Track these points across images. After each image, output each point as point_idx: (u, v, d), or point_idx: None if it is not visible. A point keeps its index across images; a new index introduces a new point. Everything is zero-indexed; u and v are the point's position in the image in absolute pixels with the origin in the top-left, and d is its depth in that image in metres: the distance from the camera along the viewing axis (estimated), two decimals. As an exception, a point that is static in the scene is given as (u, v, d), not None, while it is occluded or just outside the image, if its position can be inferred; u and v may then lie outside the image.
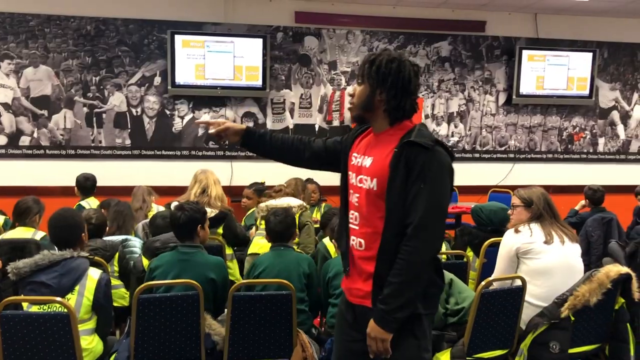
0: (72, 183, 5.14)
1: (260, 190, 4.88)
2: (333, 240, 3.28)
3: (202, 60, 6.20)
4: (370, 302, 1.95)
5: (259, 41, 6.25)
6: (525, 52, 6.74)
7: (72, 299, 2.59)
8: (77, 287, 2.61)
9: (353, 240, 2.03)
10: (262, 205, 4.00)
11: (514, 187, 6.31)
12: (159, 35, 6.18)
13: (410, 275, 1.86)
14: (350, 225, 2.05)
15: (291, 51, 6.51)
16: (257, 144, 2.24)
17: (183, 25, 6.20)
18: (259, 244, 3.74)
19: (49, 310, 2.54)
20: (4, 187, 5.83)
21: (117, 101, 6.20)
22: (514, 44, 6.82)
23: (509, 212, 3.33)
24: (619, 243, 4.35)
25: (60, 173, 6.00)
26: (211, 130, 2.23)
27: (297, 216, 3.72)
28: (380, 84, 1.94)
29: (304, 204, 4.19)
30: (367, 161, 1.99)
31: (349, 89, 2.11)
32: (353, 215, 2.04)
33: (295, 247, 3.32)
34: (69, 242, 2.74)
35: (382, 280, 1.90)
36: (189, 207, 2.99)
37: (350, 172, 2.06)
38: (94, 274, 2.70)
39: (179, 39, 6.10)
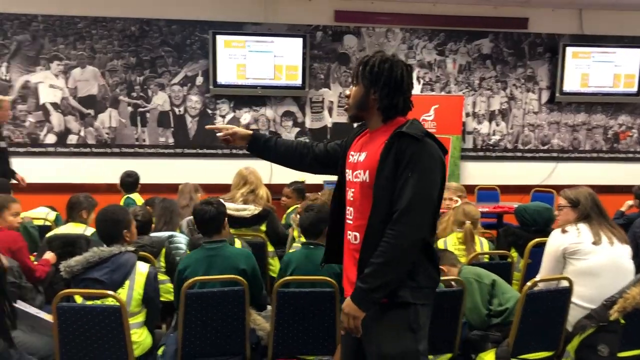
0: (117, 180, 5.28)
1: (300, 190, 4.91)
2: None
3: (243, 60, 6.28)
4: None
5: (299, 40, 6.30)
6: (569, 49, 6.60)
7: (122, 293, 2.67)
8: (127, 282, 2.69)
9: (349, 234, 2.10)
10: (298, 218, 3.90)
11: (557, 187, 6.30)
12: (201, 35, 6.29)
13: (391, 258, 1.89)
14: (347, 221, 2.12)
15: (330, 50, 6.54)
16: (262, 149, 2.34)
17: (224, 25, 6.29)
18: None
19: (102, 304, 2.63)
20: (53, 184, 6.02)
21: (160, 100, 6.33)
22: (558, 41, 6.68)
23: (555, 213, 3.27)
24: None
25: (106, 171, 6.17)
26: (219, 134, 2.33)
27: None
28: (374, 84, 2.03)
29: None
30: (362, 156, 2.07)
31: (346, 91, 2.18)
32: (349, 210, 2.12)
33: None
34: (113, 237, 2.83)
35: (365, 265, 1.94)
36: (216, 201, 3.02)
37: (347, 170, 2.14)
38: (142, 268, 2.78)
39: (220, 39, 6.19)
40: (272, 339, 2.80)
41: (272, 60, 6.32)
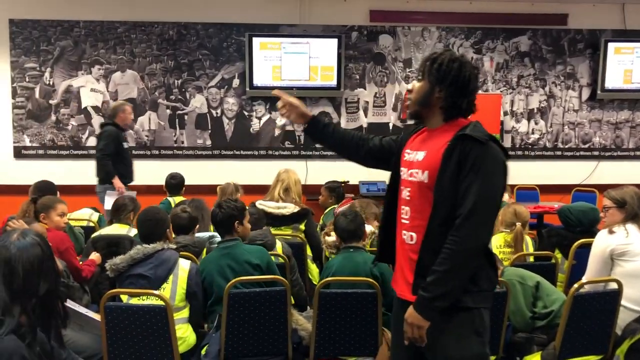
0: (156, 182, 5.37)
1: (332, 188, 5.00)
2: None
3: (279, 62, 6.32)
4: (412, 292, 1.96)
5: (334, 41, 6.30)
6: (611, 45, 6.44)
7: (167, 288, 2.75)
8: (170, 277, 2.77)
9: (404, 234, 2.05)
10: (328, 240, 3.62)
11: (599, 187, 6.18)
12: (237, 38, 6.35)
13: (455, 265, 1.86)
14: (402, 220, 2.07)
15: (365, 50, 6.52)
16: (320, 133, 2.30)
17: (260, 27, 6.34)
18: None
19: (147, 301, 2.68)
20: (95, 186, 6.15)
21: (198, 103, 6.42)
22: (599, 37, 6.53)
23: (601, 214, 3.20)
24: None
25: (145, 172, 6.25)
26: (279, 95, 2.29)
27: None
28: (440, 82, 1.99)
29: (373, 229, 4.00)
30: (420, 155, 2.02)
31: (409, 86, 2.13)
32: (404, 210, 2.06)
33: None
34: (154, 236, 2.91)
35: (424, 270, 1.91)
36: (226, 205, 3.09)
37: (402, 168, 2.10)
38: (184, 264, 2.86)
39: (256, 41, 6.24)
40: (314, 339, 2.81)
41: (307, 62, 6.34)
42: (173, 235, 3.27)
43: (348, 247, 3.07)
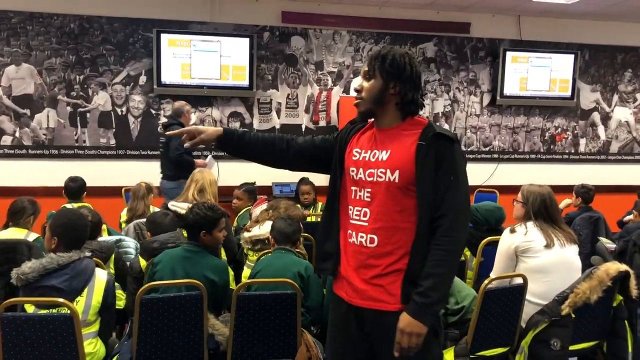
0: (55, 183, 5.02)
1: (251, 191, 4.84)
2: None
3: (189, 60, 6.15)
4: (385, 304, 1.89)
5: (246, 41, 6.22)
6: (509, 54, 6.83)
7: (80, 301, 2.53)
8: (85, 290, 2.56)
9: (362, 237, 1.94)
10: (246, 235, 3.65)
11: (498, 187, 6.51)
12: (144, 34, 6.11)
13: (452, 266, 1.86)
14: (355, 222, 1.97)
15: (278, 51, 6.50)
16: (236, 146, 2.10)
17: (169, 24, 6.13)
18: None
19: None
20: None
21: (101, 100, 6.10)
22: (498, 46, 6.91)
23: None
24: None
25: (44, 173, 5.90)
26: (187, 145, 2.08)
27: None
28: (394, 77, 1.93)
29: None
30: (382, 155, 1.93)
31: (354, 84, 2.04)
32: (359, 211, 1.96)
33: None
34: (79, 243, 2.68)
35: (413, 276, 1.85)
36: (198, 211, 2.97)
37: (352, 168, 2.00)
38: (101, 275, 2.66)
39: (165, 37, 6.04)
40: (231, 343, 2.74)
41: (219, 60, 6.22)
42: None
43: (280, 249, 3.06)
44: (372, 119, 2.05)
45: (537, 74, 6.93)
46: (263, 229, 3.58)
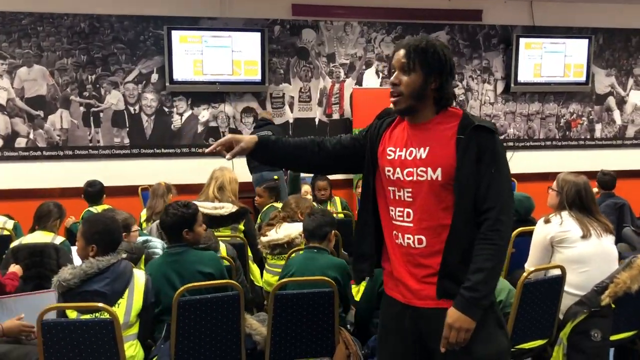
0: (71, 184, 5.01)
1: (273, 188, 4.80)
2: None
3: (200, 56, 6.10)
4: (437, 296, 1.86)
5: (257, 35, 6.17)
6: (522, 40, 6.77)
7: (122, 303, 2.51)
8: (126, 291, 2.54)
9: (408, 238, 1.90)
10: (264, 240, 3.61)
11: (515, 175, 6.42)
12: (155, 31, 6.06)
13: (500, 260, 1.83)
14: (399, 224, 1.92)
15: (289, 44, 6.44)
16: (271, 152, 2.03)
17: (179, 20, 6.09)
18: (269, 280, 3.56)
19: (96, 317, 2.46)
20: (2, 191, 5.67)
21: (114, 99, 6.07)
22: (511, 33, 6.84)
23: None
24: (633, 229, 4.39)
25: (59, 174, 5.89)
26: (227, 157, 1.98)
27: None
28: (436, 72, 1.87)
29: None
30: (420, 153, 1.87)
31: (392, 79, 1.94)
32: (402, 212, 1.91)
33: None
34: (115, 246, 2.66)
35: (449, 270, 1.83)
36: (173, 211, 2.92)
37: (388, 168, 1.94)
38: (139, 276, 2.64)
39: (176, 34, 5.99)
40: (269, 343, 2.71)
41: (230, 56, 6.17)
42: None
43: (312, 247, 3.00)
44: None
45: (551, 60, 6.86)
46: (281, 233, 3.56)
